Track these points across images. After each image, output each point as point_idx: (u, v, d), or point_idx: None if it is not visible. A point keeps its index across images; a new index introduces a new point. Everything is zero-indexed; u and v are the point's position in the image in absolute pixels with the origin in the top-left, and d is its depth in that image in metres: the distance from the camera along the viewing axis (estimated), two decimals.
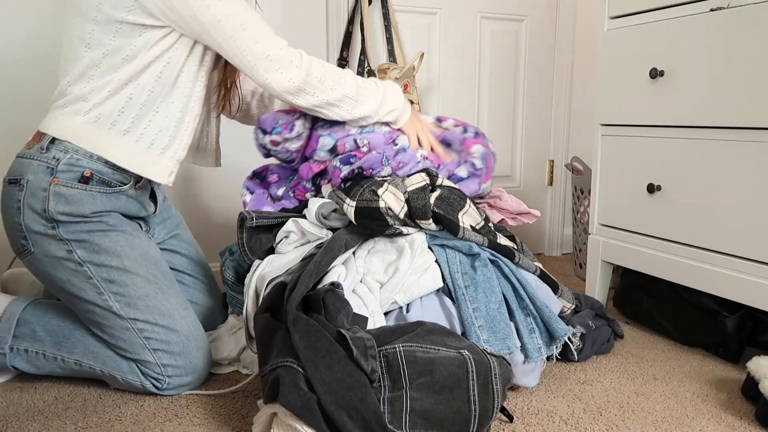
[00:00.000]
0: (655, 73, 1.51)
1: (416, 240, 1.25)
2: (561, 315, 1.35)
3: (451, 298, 1.21)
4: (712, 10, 1.39)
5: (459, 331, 1.17)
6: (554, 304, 1.30)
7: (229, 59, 1.21)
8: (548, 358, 1.40)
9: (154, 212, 1.39)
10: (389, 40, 2.09)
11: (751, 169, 1.32)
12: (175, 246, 1.46)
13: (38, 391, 1.25)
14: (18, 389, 1.25)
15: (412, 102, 2.00)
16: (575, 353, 1.38)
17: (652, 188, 1.55)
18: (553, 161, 2.51)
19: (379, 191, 1.22)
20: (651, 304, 1.61)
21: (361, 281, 1.20)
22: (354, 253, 1.25)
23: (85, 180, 1.19)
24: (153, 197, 1.37)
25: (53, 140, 1.19)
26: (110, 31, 1.16)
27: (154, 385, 1.21)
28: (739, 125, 1.34)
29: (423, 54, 2.02)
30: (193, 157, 1.51)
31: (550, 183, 2.53)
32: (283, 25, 2.00)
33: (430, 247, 1.26)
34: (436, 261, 1.24)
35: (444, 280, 1.22)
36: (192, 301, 1.44)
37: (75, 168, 1.18)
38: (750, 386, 1.20)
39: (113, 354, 1.22)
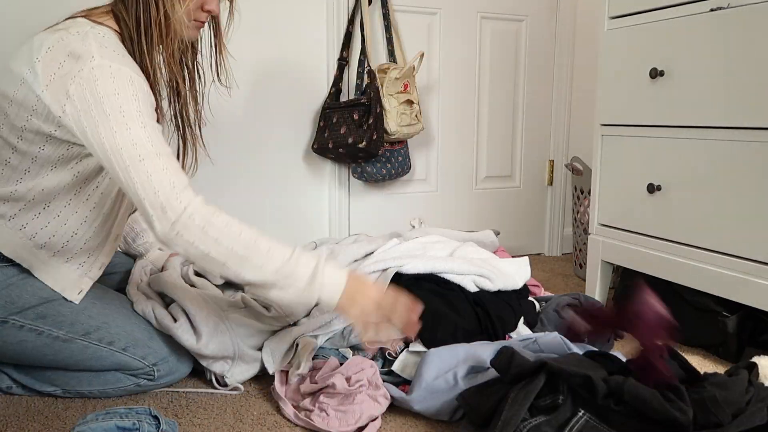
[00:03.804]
0: (655, 73, 1.51)
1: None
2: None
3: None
4: (712, 10, 1.39)
5: None
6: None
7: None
8: None
9: None
10: (389, 40, 2.09)
11: (751, 169, 1.32)
12: (110, 269, 1.41)
13: None
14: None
15: (412, 102, 2.00)
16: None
17: (652, 188, 1.55)
18: (553, 161, 2.51)
19: None
20: None
21: None
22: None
23: None
24: None
25: None
26: (18, 136, 1.07)
27: (147, 379, 1.21)
28: (739, 125, 1.34)
29: (423, 54, 2.02)
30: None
31: (550, 183, 2.53)
32: (284, 25, 2.00)
33: None
34: None
35: None
36: None
37: None
38: None
39: (94, 372, 1.20)
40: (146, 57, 1.09)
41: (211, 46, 1.25)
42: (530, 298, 1.48)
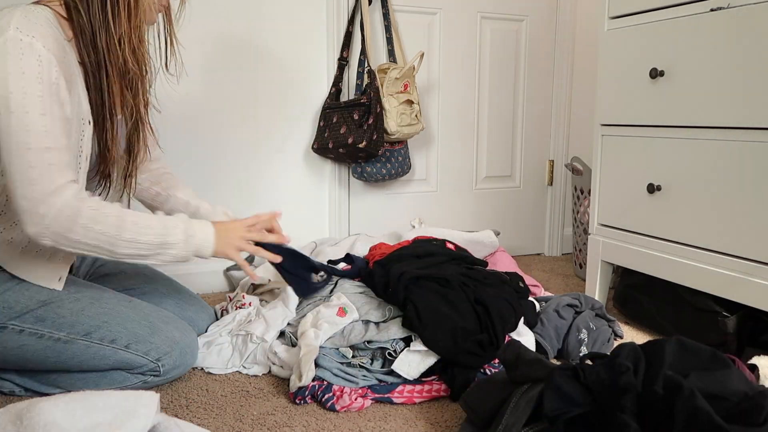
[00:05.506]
0: (655, 73, 1.51)
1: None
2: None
3: None
4: (712, 10, 1.39)
5: None
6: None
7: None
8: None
9: (70, 272, 1.29)
10: (389, 40, 2.09)
11: (751, 169, 1.32)
12: (103, 270, 1.42)
13: None
14: None
15: (412, 102, 2.00)
16: (579, 353, 1.38)
17: (652, 188, 1.55)
18: (553, 161, 2.51)
19: None
20: (651, 304, 1.61)
21: None
22: None
23: None
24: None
25: None
26: None
27: (153, 375, 1.20)
28: (739, 125, 1.34)
29: (423, 54, 2.02)
30: None
31: (550, 183, 2.53)
32: (284, 25, 2.00)
33: None
34: None
35: None
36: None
37: None
38: None
39: (99, 372, 1.19)
40: (114, 41, 1.08)
41: (160, 35, 1.25)
42: (530, 298, 1.48)
